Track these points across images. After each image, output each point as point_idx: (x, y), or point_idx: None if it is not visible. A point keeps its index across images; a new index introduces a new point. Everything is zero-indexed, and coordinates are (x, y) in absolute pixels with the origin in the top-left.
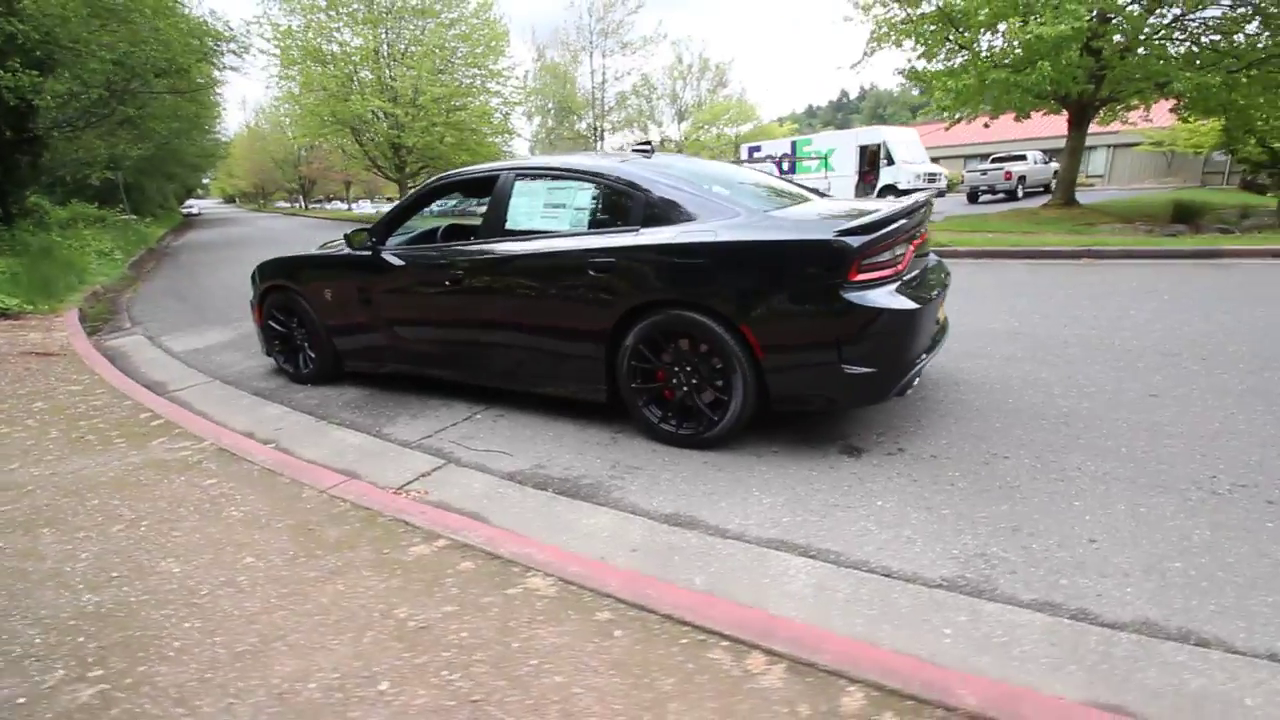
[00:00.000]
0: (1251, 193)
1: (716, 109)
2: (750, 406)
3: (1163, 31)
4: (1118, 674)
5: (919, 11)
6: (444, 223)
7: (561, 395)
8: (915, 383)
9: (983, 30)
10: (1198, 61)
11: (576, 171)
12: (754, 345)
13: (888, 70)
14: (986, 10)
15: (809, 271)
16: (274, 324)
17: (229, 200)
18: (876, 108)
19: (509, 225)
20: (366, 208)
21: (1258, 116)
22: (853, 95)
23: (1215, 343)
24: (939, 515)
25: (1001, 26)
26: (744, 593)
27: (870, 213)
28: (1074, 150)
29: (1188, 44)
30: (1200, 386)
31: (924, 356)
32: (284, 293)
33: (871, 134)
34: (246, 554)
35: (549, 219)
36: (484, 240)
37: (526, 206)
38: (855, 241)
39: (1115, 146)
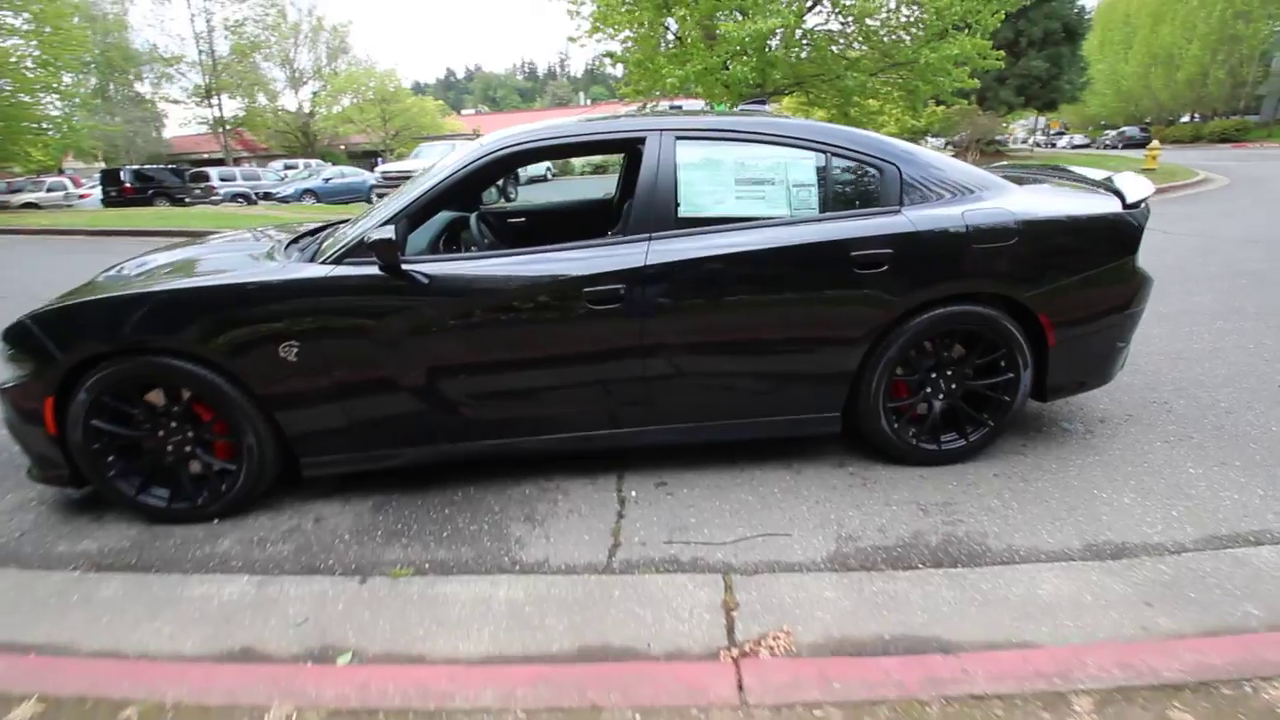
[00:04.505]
0: None
1: (356, 77)
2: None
3: (808, 37)
4: None
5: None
6: (447, 216)
7: (768, 437)
8: None
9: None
10: (838, 67)
11: (789, 137)
12: (1047, 330)
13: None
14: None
15: (1115, 246)
16: (104, 425)
17: None
18: (486, 89)
19: (684, 211)
20: None
21: (859, 114)
22: (460, 75)
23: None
24: (1234, 467)
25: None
26: None
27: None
28: None
29: (830, 49)
30: (1180, 311)
31: None
32: (134, 362)
33: None
34: None
35: (750, 200)
36: (644, 235)
37: (708, 183)
38: (1142, 215)
39: None
